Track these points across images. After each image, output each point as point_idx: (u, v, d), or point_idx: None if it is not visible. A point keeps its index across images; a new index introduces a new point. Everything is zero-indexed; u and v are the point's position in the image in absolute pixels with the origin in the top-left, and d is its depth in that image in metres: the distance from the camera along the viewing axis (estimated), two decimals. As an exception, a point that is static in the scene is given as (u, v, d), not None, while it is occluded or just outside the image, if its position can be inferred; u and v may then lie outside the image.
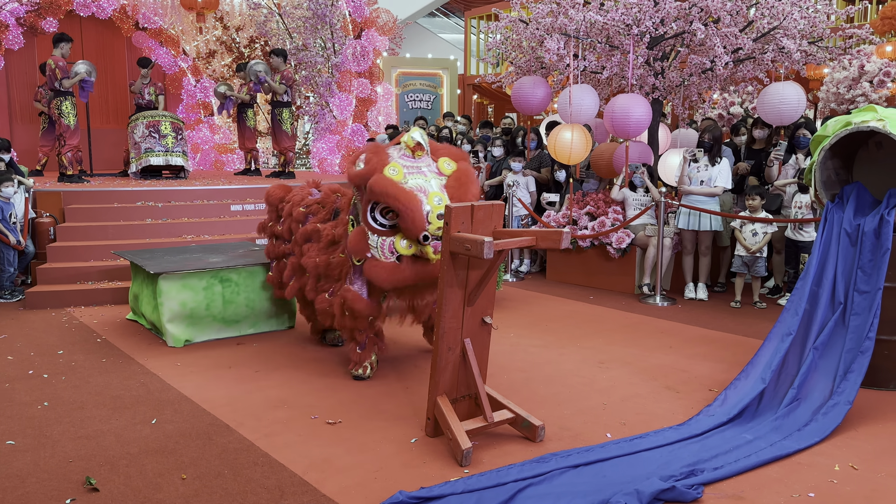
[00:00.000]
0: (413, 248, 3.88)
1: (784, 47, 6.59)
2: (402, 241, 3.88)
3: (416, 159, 3.94)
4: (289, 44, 11.47)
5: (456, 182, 3.97)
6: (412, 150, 3.94)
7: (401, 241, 3.88)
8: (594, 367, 4.68)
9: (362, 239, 3.94)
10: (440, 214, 3.77)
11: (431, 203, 3.80)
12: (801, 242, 6.27)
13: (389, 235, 3.88)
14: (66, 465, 3.21)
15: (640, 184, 7.03)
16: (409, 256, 3.89)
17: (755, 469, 3.18)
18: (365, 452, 3.34)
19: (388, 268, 3.89)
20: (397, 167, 3.85)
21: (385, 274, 3.90)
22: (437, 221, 3.77)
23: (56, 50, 8.47)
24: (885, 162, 4.40)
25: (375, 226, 3.90)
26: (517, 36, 7.77)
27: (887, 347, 4.17)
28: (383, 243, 3.89)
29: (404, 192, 3.77)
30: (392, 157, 3.92)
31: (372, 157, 3.92)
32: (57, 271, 6.61)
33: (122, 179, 9.59)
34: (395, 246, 3.88)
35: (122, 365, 4.67)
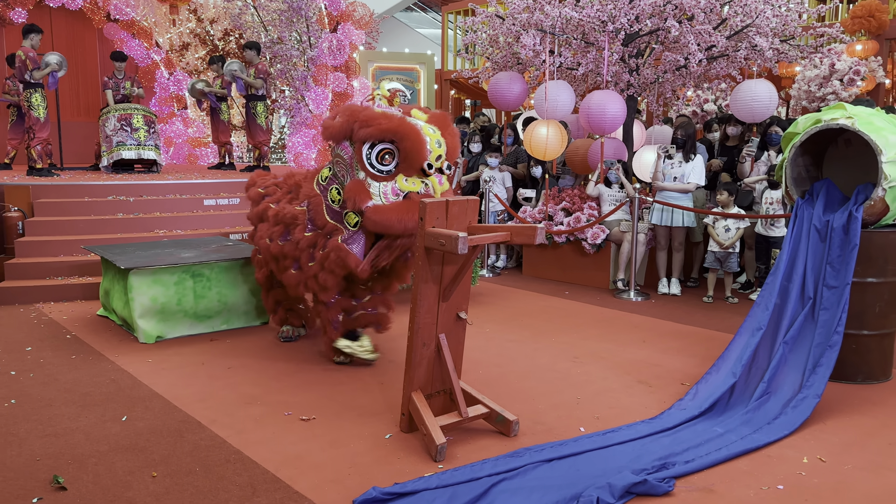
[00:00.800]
0: (417, 183, 3.77)
1: (757, 45, 6.66)
2: (405, 180, 3.76)
3: (395, 108, 3.87)
4: (264, 37, 11.37)
5: (437, 120, 3.90)
6: (388, 100, 3.88)
7: (403, 181, 3.76)
8: (568, 361, 4.71)
9: (361, 188, 3.78)
10: (438, 142, 3.77)
11: (426, 131, 3.74)
12: (772, 238, 6.35)
13: (390, 179, 3.76)
14: (34, 464, 3.15)
15: (615, 180, 7.07)
16: (416, 193, 3.78)
17: (726, 462, 3.22)
18: (339, 448, 3.33)
19: (398, 207, 3.73)
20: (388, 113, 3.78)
21: (397, 214, 3.71)
22: (436, 149, 3.75)
23: (26, 41, 8.31)
24: (853, 159, 4.47)
25: (374, 172, 3.76)
26: (493, 31, 7.77)
27: (855, 342, 4.24)
28: (385, 188, 3.76)
29: (402, 121, 3.67)
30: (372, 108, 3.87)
31: (350, 106, 3.84)
32: (26, 267, 6.49)
33: (93, 173, 9.45)
34: (398, 187, 3.76)
35: (92, 362, 4.60)
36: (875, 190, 4.07)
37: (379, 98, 3.88)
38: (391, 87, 4.17)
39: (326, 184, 4.08)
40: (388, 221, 3.72)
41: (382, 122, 3.66)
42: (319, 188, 4.13)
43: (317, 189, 4.14)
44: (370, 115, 3.70)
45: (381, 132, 3.67)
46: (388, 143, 3.71)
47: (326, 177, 4.09)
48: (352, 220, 3.95)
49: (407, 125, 3.68)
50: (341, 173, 3.96)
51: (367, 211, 3.77)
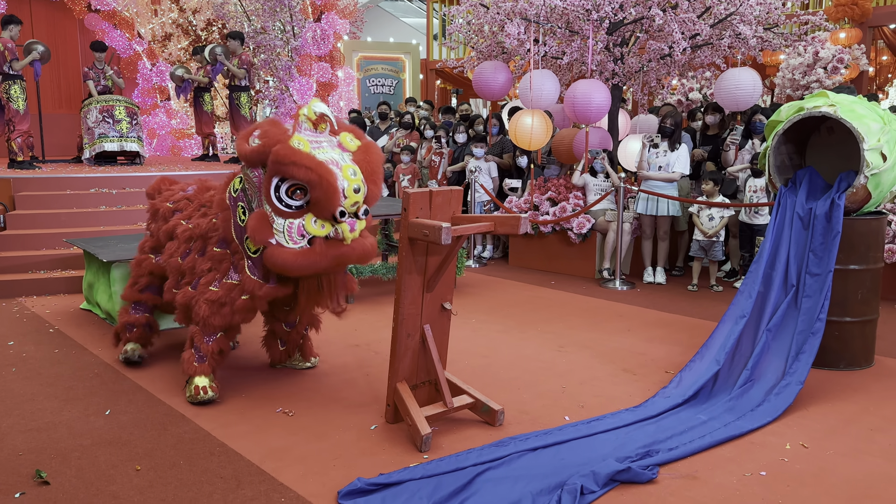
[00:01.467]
0: (326, 227, 3.44)
1: (740, 33, 6.68)
2: (314, 221, 3.43)
3: (319, 133, 3.51)
4: (247, 27, 11.28)
5: (365, 156, 3.58)
6: (314, 124, 3.49)
7: (311, 222, 3.43)
8: (554, 351, 4.72)
9: (264, 223, 3.44)
10: (356, 188, 3.44)
11: (346, 176, 3.43)
12: (756, 226, 6.38)
13: (297, 217, 3.43)
14: (16, 459, 3.13)
15: (601, 169, 7.08)
16: (322, 238, 3.46)
17: (709, 449, 3.24)
18: (323, 440, 3.32)
19: (298, 253, 3.42)
20: (302, 140, 3.40)
21: (295, 259, 3.40)
22: (353, 196, 3.43)
23: (5, 32, 8.20)
24: (836, 147, 4.49)
25: (281, 207, 3.41)
26: (478, 20, 7.74)
27: (837, 329, 4.27)
28: (291, 226, 3.42)
29: (317, 161, 3.34)
30: (293, 131, 3.49)
31: (270, 129, 3.45)
32: (7, 260, 6.42)
33: (75, 166, 9.35)
34: (305, 228, 3.43)
35: (75, 355, 4.57)
36: (857, 177, 4.09)
37: (304, 119, 3.49)
38: (319, 111, 3.68)
39: (236, 197, 3.69)
40: (286, 266, 3.42)
41: (296, 166, 3.32)
42: (230, 200, 3.72)
43: (228, 201, 3.74)
44: (285, 153, 3.34)
45: (293, 177, 3.35)
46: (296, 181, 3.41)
47: (237, 190, 3.70)
48: (252, 247, 3.58)
49: (323, 172, 3.33)
50: (250, 192, 3.60)
51: (267, 251, 3.45)
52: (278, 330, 4.25)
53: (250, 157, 3.46)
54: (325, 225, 3.45)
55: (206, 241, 3.88)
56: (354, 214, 3.49)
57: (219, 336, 3.79)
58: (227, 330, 3.82)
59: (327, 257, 3.45)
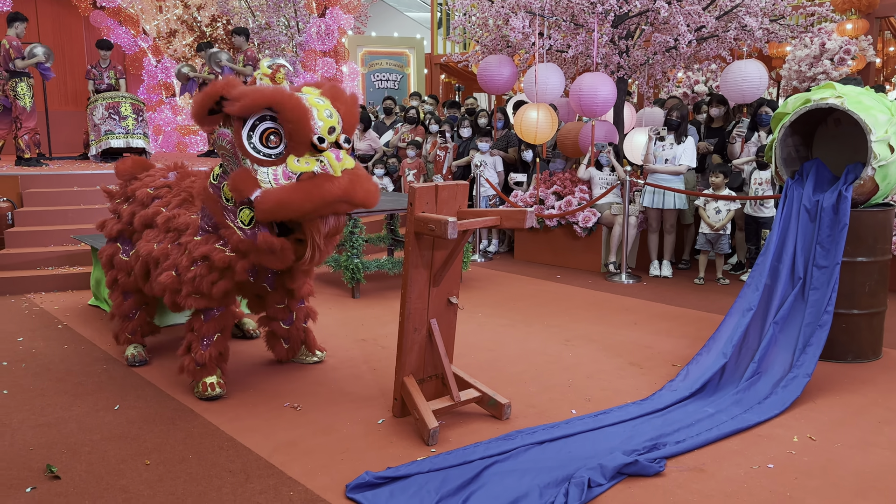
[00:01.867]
0: (311, 163, 3.26)
1: (746, 25, 6.65)
2: (296, 161, 3.26)
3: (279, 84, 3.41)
4: (251, 22, 11.28)
5: (329, 91, 3.46)
6: (271, 77, 3.39)
7: (294, 161, 3.26)
8: (560, 344, 4.72)
9: (247, 177, 3.27)
10: (328, 113, 3.30)
11: (312, 102, 3.28)
12: (762, 219, 6.37)
13: (279, 163, 3.27)
14: (27, 454, 3.15)
15: (606, 163, 7.06)
16: (310, 174, 3.25)
17: (716, 442, 3.24)
18: (331, 434, 3.34)
19: (290, 188, 3.22)
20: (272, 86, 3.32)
21: (293, 192, 3.20)
22: (327, 120, 3.28)
23: (10, 30, 8.22)
24: (843, 139, 4.47)
25: (260, 157, 3.27)
26: (483, 14, 7.73)
27: (845, 321, 4.26)
28: (275, 173, 3.26)
29: (278, 90, 3.21)
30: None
31: (225, 84, 3.32)
32: (16, 257, 6.46)
33: (81, 162, 9.39)
34: (289, 169, 3.26)
35: (83, 351, 4.59)
36: (864, 169, 4.08)
37: (260, 77, 3.39)
38: (272, 63, 3.47)
39: (218, 182, 3.54)
40: (282, 204, 3.20)
41: (253, 93, 3.18)
42: (213, 189, 3.57)
43: (210, 190, 3.59)
44: (240, 90, 3.22)
45: (254, 103, 3.20)
46: (270, 120, 3.27)
47: (217, 174, 3.56)
48: (246, 218, 3.42)
49: (285, 94, 3.20)
50: (229, 166, 3.45)
51: (258, 201, 3.25)
52: (277, 329, 4.22)
53: (199, 109, 3.32)
54: (308, 161, 3.26)
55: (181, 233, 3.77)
56: (336, 144, 3.34)
57: (216, 339, 3.77)
58: (224, 330, 3.80)
59: (322, 189, 3.21)
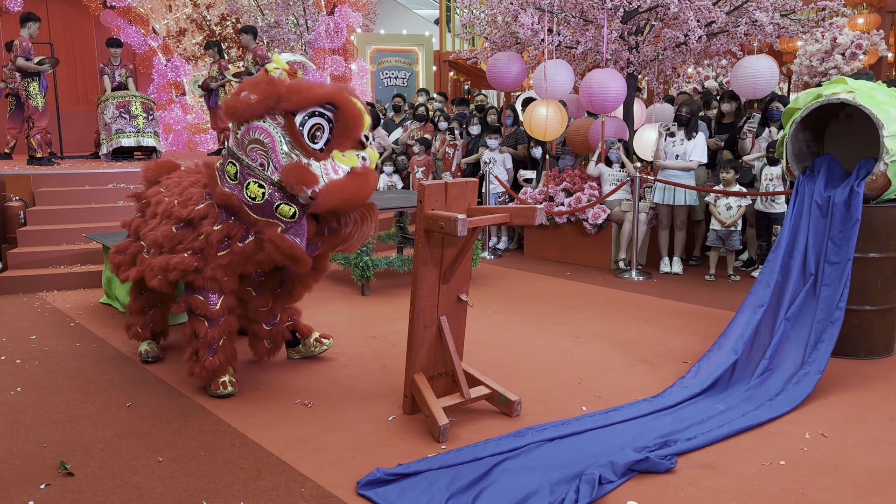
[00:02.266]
0: (353, 158, 3.37)
1: (757, 20, 6.61)
2: (342, 155, 3.36)
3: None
4: (260, 21, 11.31)
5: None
6: (290, 75, 3.46)
7: (340, 156, 3.36)
8: (570, 342, 4.72)
9: (304, 169, 3.29)
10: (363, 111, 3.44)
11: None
12: (773, 215, 6.34)
13: (324, 157, 3.34)
14: (40, 451, 3.18)
15: (616, 159, 7.04)
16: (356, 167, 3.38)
17: (728, 439, 3.23)
18: (342, 431, 3.35)
19: (352, 182, 3.33)
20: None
21: (354, 188, 3.31)
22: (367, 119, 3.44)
23: (24, 30, 8.28)
24: (855, 134, 4.44)
25: (316, 149, 3.34)
26: (492, 11, 7.71)
27: (857, 317, 4.24)
28: (326, 167, 3.33)
29: (337, 87, 3.32)
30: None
31: (260, 80, 3.34)
32: (28, 256, 6.51)
33: (92, 161, 9.44)
34: (338, 163, 3.35)
35: (96, 349, 4.62)
36: (876, 164, 4.05)
37: (276, 72, 3.41)
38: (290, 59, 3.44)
39: (239, 181, 3.47)
40: (347, 197, 3.32)
41: (316, 89, 3.24)
42: (231, 188, 3.50)
43: (226, 189, 3.52)
44: (299, 84, 3.28)
45: (315, 97, 3.24)
46: (319, 116, 3.31)
47: (236, 173, 3.48)
48: (287, 212, 3.43)
49: (345, 91, 3.31)
50: (260, 161, 3.40)
51: (322, 193, 3.29)
52: (259, 331, 4.09)
53: (252, 110, 3.30)
54: (349, 156, 3.38)
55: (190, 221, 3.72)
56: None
57: (222, 343, 3.76)
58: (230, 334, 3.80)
59: (370, 182, 3.39)
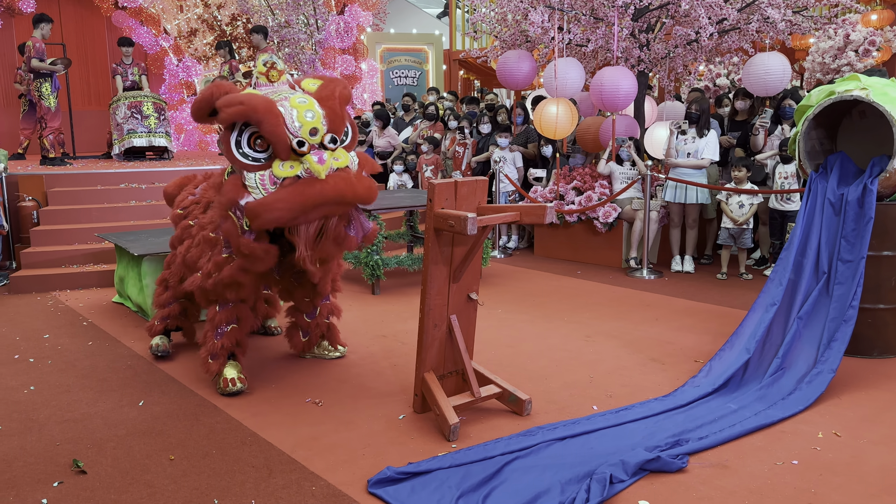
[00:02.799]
0: (295, 167, 3.26)
1: (769, 17, 6.56)
2: (280, 165, 3.27)
3: (272, 84, 3.42)
4: (271, 21, 11.33)
5: (325, 87, 3.44)
6: (266, 76, 3.42)
7: (278, 166, 3.27)
8: (581, 340, 4.70)
9: (236, 184, 3.30)
10: (310, 114, 3.28)
11: (294, 104, 3.27)
12: (788, 212, 6.29)
13: (266, 168, 3.29)
14: (53, 449, 3.20)
15: (627, 157, 7.02)
16: (292, 178, 3.26)
17: (740, 438, 3.21)
18: (352, 430, 3.35)
19: (271, 197, 3.23)
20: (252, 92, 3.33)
21: (274, 202, 3.19)
22: (307, 122, 3.26)
23: (36, 31, 8.34)
24: (868, 131, 4.40)
25: (248, 161, 3.29)
26: (501, 9, 7.70)
27: (870, 316, 4.20)
28: (262, 178, 3.28)
29: (255, 96, 3.22)
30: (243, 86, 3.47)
31: (214, 87, 3.37)
32: (41, 255, 6.56)
33: (104, 161, 9.50)
34: (273, 174, 3.27)
35: (108, 348, 4.65)
36: (890, 162, 4.02)
37: (257, 76, 3.41)
38: (266, 60, 3.57)
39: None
40: (269, 209, 3.20)
41: (234, 103, 3.20)
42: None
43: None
44: (230, 97, 3.23)
45: (232, 114, 3.22)
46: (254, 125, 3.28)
47: (230, 173, 3.61)
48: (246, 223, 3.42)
49: (255, 100, 3.19)
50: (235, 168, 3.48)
51: (248, 210, 3.25)
52: (300, 321, 4.28)
53: (197, 111, 3.41)
54: (293, 165, 3.27)
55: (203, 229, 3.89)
56: (321, 145, 3.31)
57: (229, 329, 3.81)
58: (240, 321, 3.83)
59: (302, 195, 3.19)
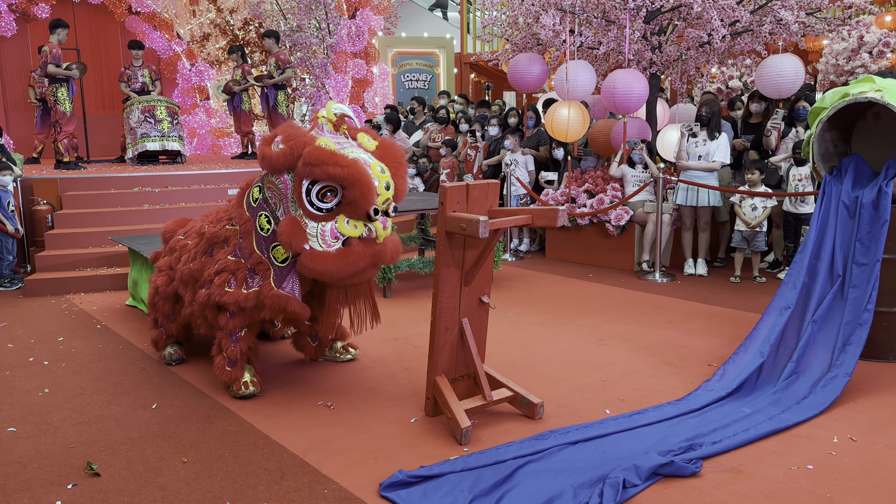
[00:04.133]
0: (359, 227, 3.42)
1: (782, 19, 6.52)
2: (346, 222, 3.41)
3: (340, 135, 3.49)
4: (283, 25, 11.39)
5: (386, 152, 3.56)
6: (335, 125, 3.48)
7: (344, 223, 3.41)
8: (593, 344, 4.69)
9: (297, 228, 3.38)
10: (387, 185, 3.44)
11: (376, 173, 3.39)
12: (802, 215, 6.25)
13: (330, 219, 3.40)
14: (68, 451, 3.22)
15: (639, 160, 6.99)
16: (356, 238, 3.43)
17: (754, 442, 3.19)
18: (364, 433, 3.35)
19: (336, 255, 3.38)
20: (326, 142, 3.37)
21: (335, 262, 3.36)
22: (385, 193, 3.43)
23: (53, 36, 8.41)
24: (882, 133, 4.37)
25: (314, 211, 3.38)
26: (513, 12, 7.70)
27: (886, 319, 4.16)
28: (324, 230, 3.38)
29: (351, 160, 3.31)
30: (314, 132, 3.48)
31: (294, 132, 3.44)
32: (55, 259, 6.60)
33: (118, 165, 9.56)
34: (338, 230, 3.40)
35: (121, 350, 4.68)
36: (906, 164, 3.98)
37: (324, 121, 3.47)
38: (338, 111, 3.61)
39: (257, 207, 3.63)
40: (327, 270, 3.37)
41: (330, 166, 3.28)
42: (249, 210, 3.68)
43: (247, 212, 3.68)
44: (317, 154, 3.30)
45: (329, 177, 3.30)
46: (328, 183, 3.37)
47: (257, 199, 3.64)
48: (280, 256, 3.55)
49: (358, 170, 3.31)
50: (273, 201, 3.56)
51: (304, 257, 3.39)
52: (303, 328, 4.28)
53: (276, 163, 3.41)
54: (357, 225, 3.42)
55: (215, 244, 3.82)
56: (385, 212, 3.49)
57: (243, 333, 3.80)
58: (250, 325, 3.83)
59: (365, 256, 3.42)
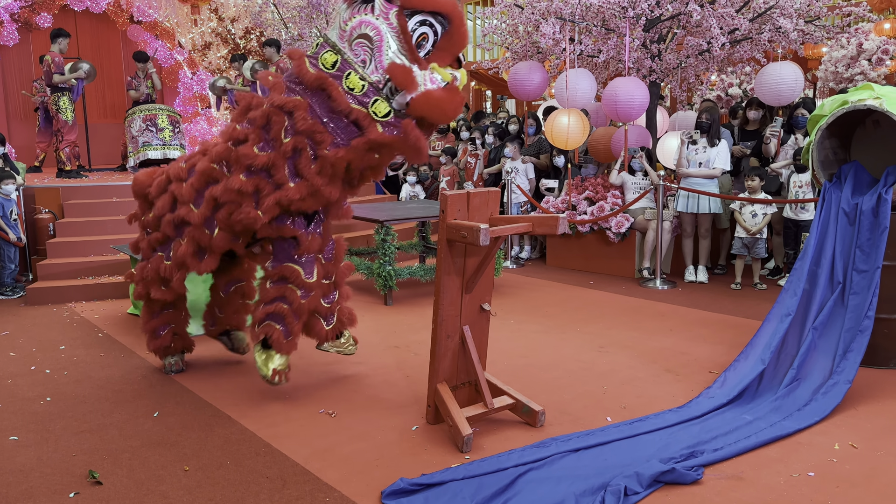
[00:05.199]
0: (446, 74, 3.45)
1: (781, 27, 6.55)
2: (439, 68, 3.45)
3: None
4: (284, 34, 11.42)
5: None
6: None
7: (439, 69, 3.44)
8: (594, 351, 4.69)
9: (410, 72, 3.35)
10: None
11: None
12: (802, 222, 6.26)
13: (424, 67, 3.40)
14: (69, 460, 3.22)
15: (639, 167, 7.01)
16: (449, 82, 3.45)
17: (755, 449, 3.19)
18: (366, 441, 3.36)
19: (447, 91, 3.41)
20: None
21: (450, 99, 3.40)
22: None
23: (54, 45, 8.45)
24: (882, 140, 4.38)
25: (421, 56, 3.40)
26: (513, 21, 7.73)
27: (887, 326, 4.17)
28: (426, 77, 3.40)
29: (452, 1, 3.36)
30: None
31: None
32: (57, 267, 6.62)
33: (120, 174, 9.59)
34: (437, 75, 3.41)
35: (123, 359, 4.68)
36: (905, 171, 3.99)
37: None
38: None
39: (336, 71, 3.46)
40: (443, 108, 3.40)
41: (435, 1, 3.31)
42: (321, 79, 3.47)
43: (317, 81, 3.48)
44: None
45: (437, 5, 3.32)
46: (428, 26, 3.38)
47: (335, 63, 3.47)
48: (381, 111, 3.43)
49: (458, 7, 3.37)
50: (361, 58, 3.44)
51: (421, 96, 3.36)
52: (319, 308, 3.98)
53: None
54: (444, 73, 3.44)
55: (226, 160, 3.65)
56: None
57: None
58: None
59: (461, 97, 3.48)
